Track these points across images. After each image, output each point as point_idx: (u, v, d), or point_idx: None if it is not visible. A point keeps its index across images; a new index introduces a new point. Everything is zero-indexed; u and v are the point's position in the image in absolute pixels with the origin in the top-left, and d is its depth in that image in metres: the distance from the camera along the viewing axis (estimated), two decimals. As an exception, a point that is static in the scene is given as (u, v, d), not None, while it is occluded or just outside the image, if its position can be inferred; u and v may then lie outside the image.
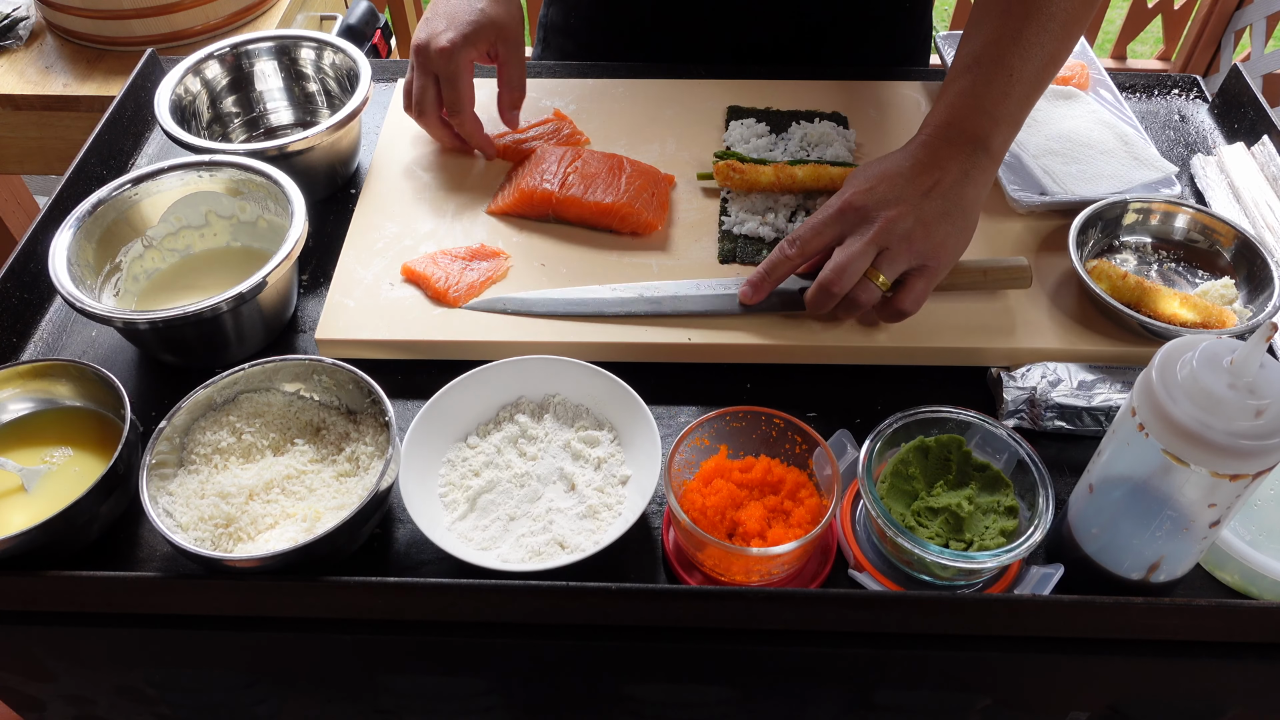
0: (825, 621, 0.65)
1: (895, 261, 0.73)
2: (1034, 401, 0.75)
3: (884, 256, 0.73)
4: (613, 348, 0.80)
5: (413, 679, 0.74)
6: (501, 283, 0.84)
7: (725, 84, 1.05)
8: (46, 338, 0.84)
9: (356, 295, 0.83)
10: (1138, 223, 0.88)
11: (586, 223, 0.90)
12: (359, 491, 0.69)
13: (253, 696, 0.78)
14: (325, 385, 0.74)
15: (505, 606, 0.65)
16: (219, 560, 0.62)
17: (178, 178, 0.84)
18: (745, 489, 0.68)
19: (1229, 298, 0.82)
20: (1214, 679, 0.68)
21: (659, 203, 0.90)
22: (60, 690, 0.78)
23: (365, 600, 0.64)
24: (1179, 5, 2.33)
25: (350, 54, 0.97)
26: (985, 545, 0.64)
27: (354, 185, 0.98)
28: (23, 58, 1.57)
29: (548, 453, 0.73)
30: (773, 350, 0.80)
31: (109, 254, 0.82)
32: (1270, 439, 0.53)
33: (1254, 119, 0.99)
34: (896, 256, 0.73)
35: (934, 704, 0.73)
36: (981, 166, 0.76)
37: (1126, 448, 0.59)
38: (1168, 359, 0.57)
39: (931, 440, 0.68)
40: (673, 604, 0.64)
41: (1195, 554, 0.63)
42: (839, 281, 0.73)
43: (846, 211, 0.74)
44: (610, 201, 0.88)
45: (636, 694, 0.74)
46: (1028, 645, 0.65)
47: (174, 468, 0.69)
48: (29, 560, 0.64)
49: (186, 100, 0.94)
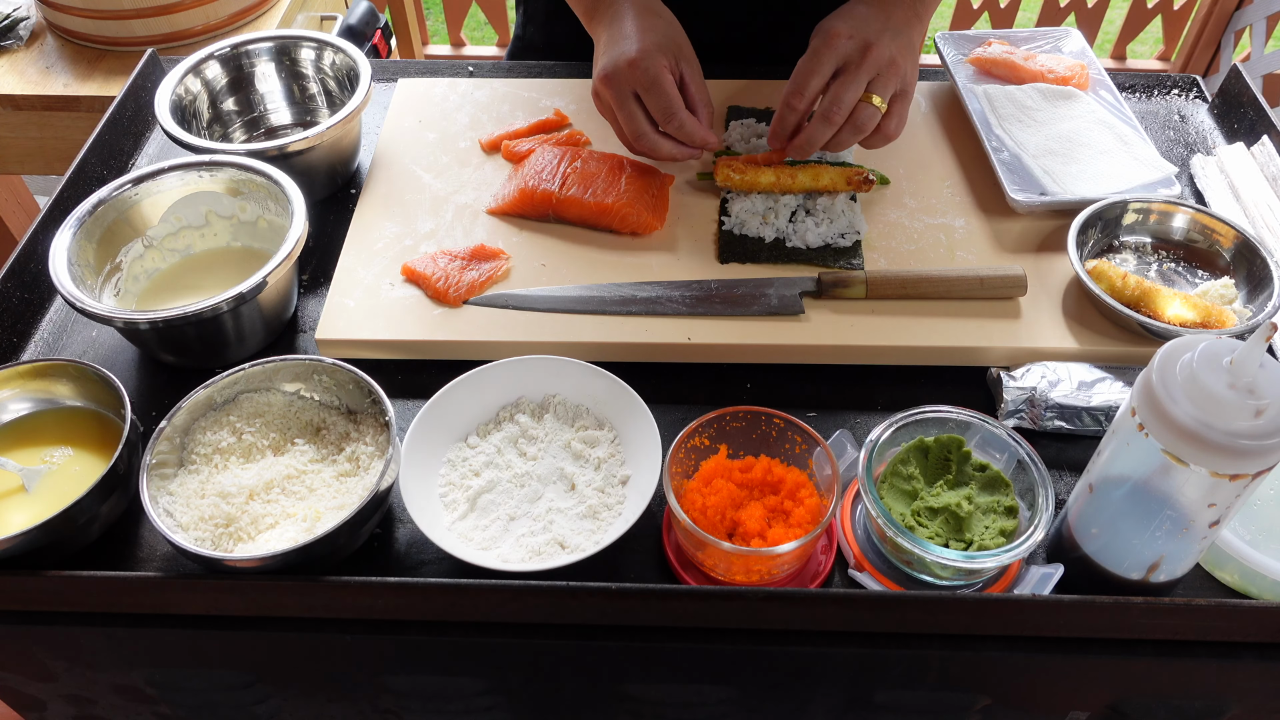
0: (825, 621, 0.65)
1: (886, 85, 0.83)
2: (1034, 401, 0.75)
3: (876, 82, 0.83)
4: (613, 348, 0.80)
5: (413, 679, 0.74)
6: (502, 283, 0.85)
7: (725, 84, 1.05)
8: (47, 338, 0.84)
9: (357, 295, 0.83)
10: (1137, 223, 0.88)
11: (587, 223, 0.90)
12: (359, 491, 0.69)
13: (253, 696, 0.78)
14: (325, 385, 0.74)
15: (505, 606, 0.65)
16: (219, 560, 0.62)
17: (178, 178, 0.84)
18: (745, 489, 0.68)
19: (1228, 298, 0.82)
20: (1213, 679, 0.68)
21: (659, 202, 0.90)
22: (60, 690, 0.78)
23: (365, 600, 0.64)
24: (1179, 5, 2.33)
25: (350, 54, 0.97)
26: (985, 545, 0.64)
27: (354, 185, 0.98)
28: (23, 58, 1.57)
29: (548, 453, 0.73)
30: (773, 350, 0.80)
31: (109, 254, 0.82)
32: (1270, 439, 0.53)
33: (1254, 119, 0.99)
34: (887, 81, 0.83)
35: (934, 704, 0.73)
36: (920, 19, 0.89)
37: (1126, 448, 0.59)
38: (1167, 359, 0.57)
39: (931, 440, 0.68)
40: (673, 604, 0.64)
41: (1195, 554, 0.63)
42: (839, 109, 0.82)
43: (834, 43, 0.83)
44: (610, 201, 0.88)
45: (636, 694, 0.74)
46: (1028, 645, 0.65)
47: (174, 468, 0.69)
48: (29, 560, 0.64)
49: (187, 100, 0.94)
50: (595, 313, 0.82)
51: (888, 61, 0.82)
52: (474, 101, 1.04)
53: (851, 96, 0.82)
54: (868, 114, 0.83)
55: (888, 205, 0.92)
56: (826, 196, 0.91)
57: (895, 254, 0.88)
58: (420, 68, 1.11)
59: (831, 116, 0.82)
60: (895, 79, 0.83)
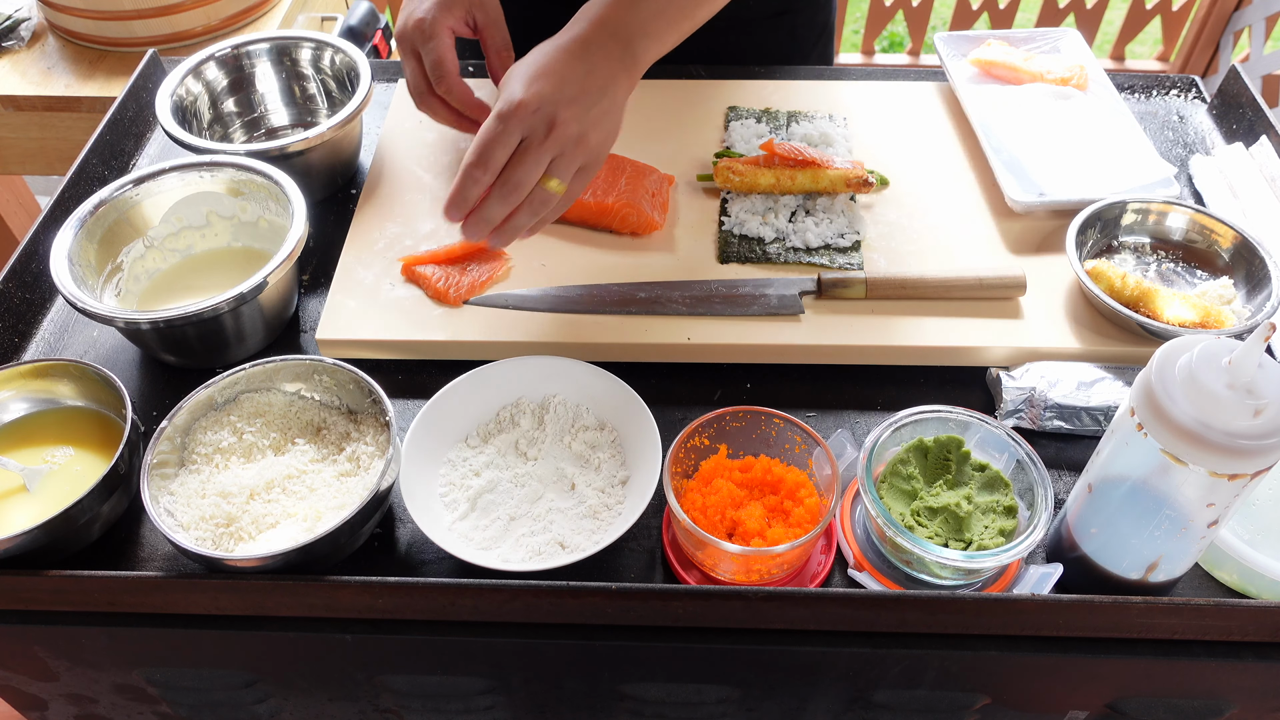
0: (825, 621, 0.65)
1: (569, 164, 0.76)
2: (1033, 401, 0.75)
3: (558, 161, 0.75)
4: (613, 348, 0.80)
5: (413, 679, 0.74)
6: (502, 283, 0.85)
7: (725, 84, 1.05)
8: (48, 338, 0.84)
9: (357, 295, 0.84)
10: (1136, 223, 0.88)
11: (586, 223, 0.90)
12: (360, 491, 0.69)
13: (253, 696, 0.78)
14: (326, 385, 0.74)
15: (505, 606, 0.65)
16: (220, 560, 0.62)
17: (179, 178, 0.84)
18: (745, 489, 0.68)
19: (1227, 298, 0.82)
20: (1213, 678, 0.68)
21: (659, 202, 0.90)
22: (62, 689, 0.78)
23: (365, 600, 0.65)
24: (1178, 6, 2.34)
25: (350, 55, 0.97)
26: (984, 545, 0.64)
27: (354, 185, 0.98)
28: (24, 58, 1.57)
29: (548, 453, 0.73)
30: (773, 350, 0.80)
31: (110, 254, 0.82)
32: (1268, 439, 0.53)
33: (1252, 120, 0.99)
34: (571, 160, 0.75)
35: (933, 703, 0.73)
36: (629, 73, 0.78)
37: (1125, 448, 0.60)
38: (1166, 359, 0.57)
39: (931, 440, 0.68)
40: (673, 604, 0.64)
41: (1194, 553, 0.63)
42: (516, 191, 0.75)
43: (521, 114, 0.74)
44: (610, 202, 0.88)
45: (636, 694, 0.75)
46: (1027, 644, 0.65)
47: (175, 467, 0.70)
48: (31, 560, 0.64)
49: (187, 101, 0.95)
50: (595, 313, 0.82)
51: (574, 139, 0.75)
52: (474, 102, 1.04)
53: (530, 178, 0.75)
54: (542, 198, 0.76)
55: (887, 205, 0.92)
56: (826, 197, 0.91)
57: (895, 254, 0.88)
58: (420, 68, 1.11)
59: (508, 196, 0.75)
60: (580, 156, 0.76)
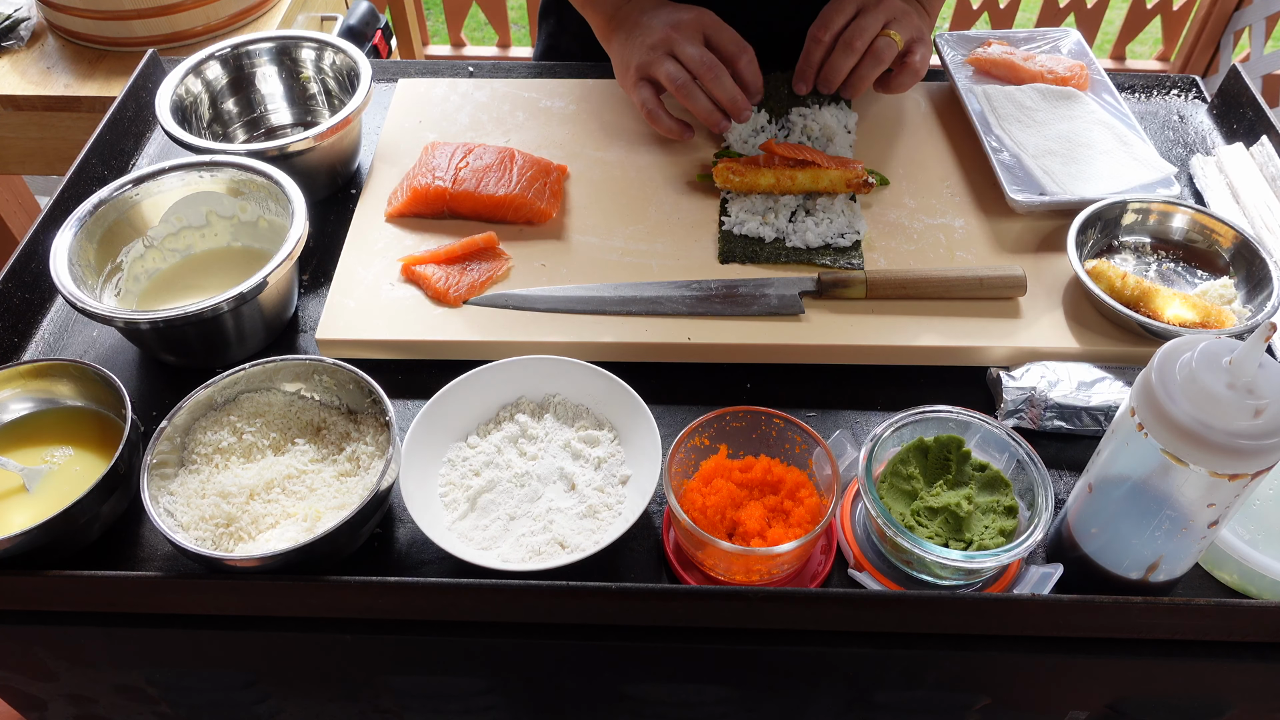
0: (825, 621, 0.65)
1: (903, 26, 0.92)
2: (1033, 401, 0.75)
3: (893, 24, 0.92)
4: (613, 348, 0.80)
5: (413, 679, 0.74)
6: (502, 283, 0.85)
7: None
8: (48, 338, 0.84)
9: (357, 295, 0.84)
10: (1137, 223, 0.88)
11: (481, 216, 0.90)
12: (359, 491, 0.69)
13: (253, 696, 0.78)
14: (326, 385, 0.74)
15: (505, 606, 0.65)
16: (220, 560, 0.62)
17: (178, 178, 0.84)
18: (745, 489, 0.68)
19: (1228, 298, 0.82)
20: (1213, 679, 0.68)
21: (551, 192, 0.91)
22: (61, 689, 0.78)
23: (365, 600, 0.65)
24: (1178, 6, 2.33)
25: (351, 54, 0.97)
26: (985, 545, 0.64)
27: (354, 185, 0.98)
28: (24, 58, 1.57)
29: (548, 452, 0.73)
30: (773, 350, 0.80)
31: (110, 254, 0.82)
32: (1269, 439, 0.53)
33: (1253, 119, 0.99)
34: (903, 24, 0.92)
35: (933, 703, 0.73)
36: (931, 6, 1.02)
37: (1125, 448, 0.60)
38: (1167, 359, 0.57)
39: (931, 440, 0.68)
40: (673, 604, 0.64)
41: (1194, 554, 0.63)
42: (861, 37, 0.91)
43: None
44: (503, 194, 0.88)
45: (636, 694, 0.75)
46: (1027, 645, 0.65)
47: (175, 467, 0.69)
48: (30, 560, 0.64)
49: (187, 101, 0.95)
50: (595, 313, 0.82)
51: (901, 9, 0.92)
52: (474, 102, 1.04)
53: (872, 28, 0.91)
54: (886, 44, 0.91)
55: (888, 205, 0.92)
56: (826, 197, 0.91)
57: (895, 254, 0.88)
58: (420, 68, 1.11)
59: (854, 43, 0.91)
60: (910, 25, 0.92)
